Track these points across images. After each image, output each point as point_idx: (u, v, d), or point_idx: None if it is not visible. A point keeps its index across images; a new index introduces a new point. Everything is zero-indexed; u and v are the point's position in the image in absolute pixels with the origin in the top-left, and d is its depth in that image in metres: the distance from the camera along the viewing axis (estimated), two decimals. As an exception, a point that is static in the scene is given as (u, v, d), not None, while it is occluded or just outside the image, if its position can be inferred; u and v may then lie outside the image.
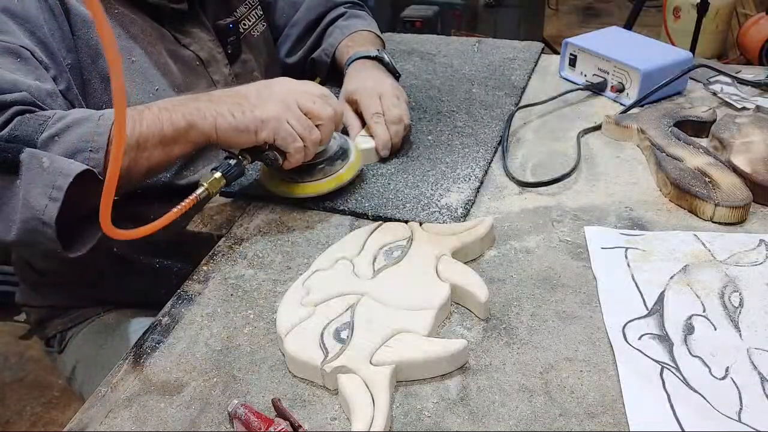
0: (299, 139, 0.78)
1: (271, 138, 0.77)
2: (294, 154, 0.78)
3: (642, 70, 1.03)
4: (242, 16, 1.08)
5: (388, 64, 1.05)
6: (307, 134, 0.78)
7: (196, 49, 0.98)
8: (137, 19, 0.91)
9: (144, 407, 0.60)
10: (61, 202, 0.66)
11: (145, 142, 0.74)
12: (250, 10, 1.09)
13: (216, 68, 1.01)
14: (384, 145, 0.91)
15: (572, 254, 0.75)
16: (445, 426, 0.56)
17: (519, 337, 0.65)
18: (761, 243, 0.75)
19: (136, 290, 1.01)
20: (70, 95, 0.82)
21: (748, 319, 0.65)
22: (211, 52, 1.00)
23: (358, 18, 1.20)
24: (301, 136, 0.78)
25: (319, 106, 0.79)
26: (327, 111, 0.80)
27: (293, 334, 0.63)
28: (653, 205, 0.83)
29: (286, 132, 0.77)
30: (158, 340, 0.67)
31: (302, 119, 0.78)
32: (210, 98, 0.78)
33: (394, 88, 0.97)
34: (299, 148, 0.78)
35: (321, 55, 1.16)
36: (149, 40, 0.92)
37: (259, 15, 1.11)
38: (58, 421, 1.74)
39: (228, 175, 0.76)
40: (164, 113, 0.75)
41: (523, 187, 0.88)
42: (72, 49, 0.83)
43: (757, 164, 0.84)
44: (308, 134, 0.78)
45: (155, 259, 0.99)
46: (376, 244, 0.74)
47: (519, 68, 1.20)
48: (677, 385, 0.58)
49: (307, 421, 0.57)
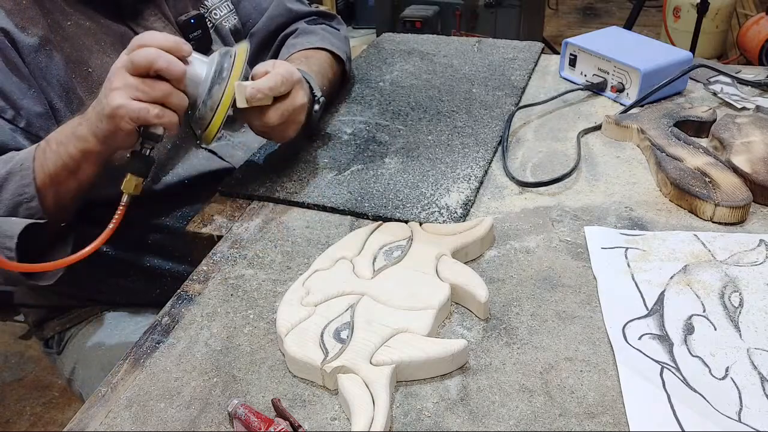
0: (152, 106, 0.73)
1: (131, 124, 0.73)
2: (157, 121, 0.73)
3: (642, 70, 1.03)
4: (213, 6, 1.05)
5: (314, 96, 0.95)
6: (154, 95, 0.73)
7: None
8: (93, 23, 0.90)
9: (144, 407, 0.60)
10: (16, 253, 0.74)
11: (57, 176, 0.78)
12: (221, 1, 1.07)
13: None
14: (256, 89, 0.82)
15: (572, 254, 0.75)
16: (445, 426, 0.56)
17: (519, 337, 0.65)
18: (761, 243, 0.75)
19: (131, 291, 1.01)
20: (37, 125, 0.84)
21: (748, 319, 0.65)
22: None
23: (310, 34, 1.12)
24: (153, 101, 0.73)
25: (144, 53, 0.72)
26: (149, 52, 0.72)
27: (293, 334, 0.63)
28: (653, 205, 0.83)
29: (137, 109, 0.72)
30: (158, 340, 0.67)
31: (143, 84, 0.73)
32: (88, 116, 0.77)
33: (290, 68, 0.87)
34: (157, 114, 0.73)
35: None
36: (104, 48, 0.90)
37: (230, 8, 1.09)
38: (58, 421, 1.74)
39: (136, 171, 0.75)
40: (61, 147, 0.77)
41: (523, 187, 0.88)
42: (29, 77, 0.84)
43: (757, 164, 0.84)
44: (155, 93, 0.73)
45: (150, 260, 1.00)
46: (376, 244, 0.74)
47: (519, 68, 1.20)
48: (677, 385, 0.58)
49: (307, 421, 0.57)
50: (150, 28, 0.94)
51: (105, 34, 0.91)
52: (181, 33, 0.98)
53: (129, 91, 0.73)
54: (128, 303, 1.04)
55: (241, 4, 1.12)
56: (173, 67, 0.73)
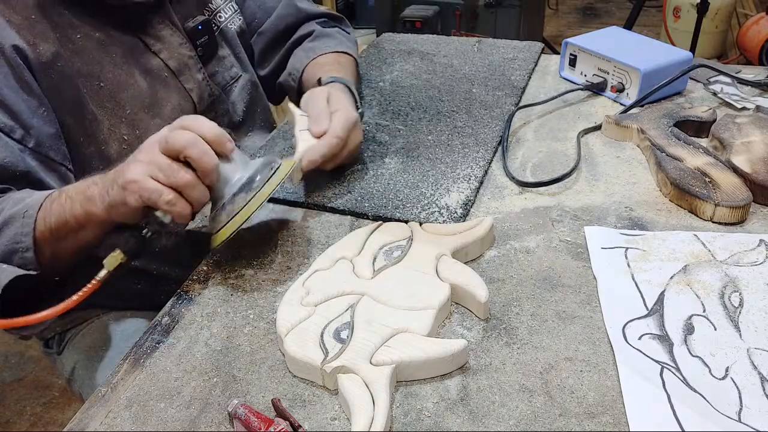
0: (167, 191, 0.67)
1: (139, 201, 0.67)
2: (167, 208, 0.67)
3: (642, 70, 1.03)
4: (217, 8, 1.04)
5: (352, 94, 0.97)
6: (174, 181, 0.67)
7: (165, 57, 0.94)
8: (102, 34, 0.88)
9: (144, 407, 0.60)
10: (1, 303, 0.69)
11: (58, 232, 0.74)
12: (226, 2, 1.06)
13: (188, 76, 0.97)
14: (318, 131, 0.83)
15: (572, 254, 0.75)
16: (445, 426, 0.56)
17: (519, 337, 0.65)
18: (761, 243, 0.75)
19: (134, 296, 1.01)
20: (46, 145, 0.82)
21: (748, 319, 0.65)
22: (182, 59, 0.96)
23: (328, 38, 1.12)
24: (169, 186, 0.67)
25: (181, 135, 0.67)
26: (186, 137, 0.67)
27: (293, 334, 0.63)
28: (653, 205, 0.83)
29: (150, 189, 0.67)
30: (158, 340, 0.67)
31: (167, 167, 0.67)
32: (103, 179, 0.72)
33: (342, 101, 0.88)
34: (170, 200, 0.67)
35: (287, 79, 1.11)
36: (115, 60, 0.89)
37: (234, 8, 1.08)
38: (58, 421, 1.74)
39: (126, 249, 0.69)
40: (68, 203, 0.74)
41: (523, 187, 0.88)
42: (40, 95, 0.82)
43: (757, 164, 0.84)
44: (176, 180, 0.67)
45: (154, 266, 0.99)
46: (376, 244, 0.74)
47: (519, 68, 1.20)
48: (677, 385, 0.58)
49: (307, 421, 0.57)
50: (159, 37, 0.94)
51: (115, 45, 0.90)
52: (189, 40, 0.97)
53: (151, 168, 0.67)
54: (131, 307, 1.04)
55: (245, 3, 1.12)
56: (204, 159, 0.68)
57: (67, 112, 0.85)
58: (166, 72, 0.95)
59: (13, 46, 0.80)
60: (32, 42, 0.82)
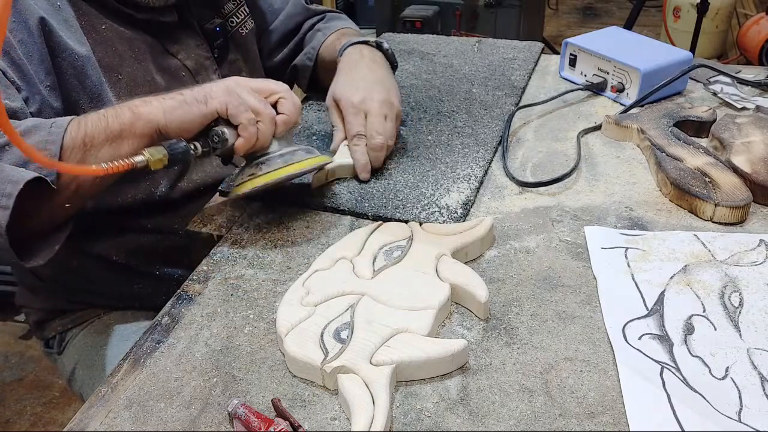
0: (252, 112, 0.73)
1: (223, 107, 0.72)
2: (247, 125, 0.73)
3: (642, 70, 1.03)
4: (230, 12, 1.05)
5: (387, 51, 1.01)
6: (261, 108, 0.74)
7: (183, 58, 0.96)
8: (125, 32, 0.89)
9: (144, 407, 0.60)
10: (12, 209, 0.65)
11: (92, 140, 0.72)
12: (237, 7, 1.07)
13: (205, 76, 0.98)
14: (362, 169, 0.87)
15: (572, 254, 0.75)
16: (445, 426, 0.56)
17: (519, 337, 0.65)
18: (761, 243, 0.75)
19: (135, 296, 1.01)
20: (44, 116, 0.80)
21: (748, 319, 0.65)
22: (199, 60, 0.98)
23: (339, 20, 1.17)
24: (254, 109, 0.73)
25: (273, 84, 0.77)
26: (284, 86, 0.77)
27: (293, 334, 0.63)
28: (653, 205, 0.83)
29: (238, 101, 0.72)
30: (158, 340, 0.67)
31: (257, 97, 0.74)
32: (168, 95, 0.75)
33: (382, 104, 0.89)
34: (250, 119, 0.73)
35: (303, 59, 1.13)
36: (136, 55, 0.90)
37: (246, 12, 1.09)
38: (58, 421, 1.74)
39: (172, 152, 0.71)
40: (109, 110, 0.73)
41: (523, 187, 0.88)
42: (50, 71, 0.81)
43: (757, 164, 0.84)
44: (263, 108, 0.74)
45: (155, 267, 0.99)
46: (376, 244, 0.74)
47: (519, 68, 1.20)
48: (677, 385, 0.58)
49: (307, 421, 0.57)
50: (176, 39, 0.95)
51: (137, 42, 0.91)
52: (206, 41, 0.99)
53: (243, 90, 0.73)
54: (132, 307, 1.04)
55: (255, 5, 1.13)
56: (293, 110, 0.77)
57: (86, 97, 0.85)
58: (184, 71, 0.96)
59: (40, 18, 0.80)
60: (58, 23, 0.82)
